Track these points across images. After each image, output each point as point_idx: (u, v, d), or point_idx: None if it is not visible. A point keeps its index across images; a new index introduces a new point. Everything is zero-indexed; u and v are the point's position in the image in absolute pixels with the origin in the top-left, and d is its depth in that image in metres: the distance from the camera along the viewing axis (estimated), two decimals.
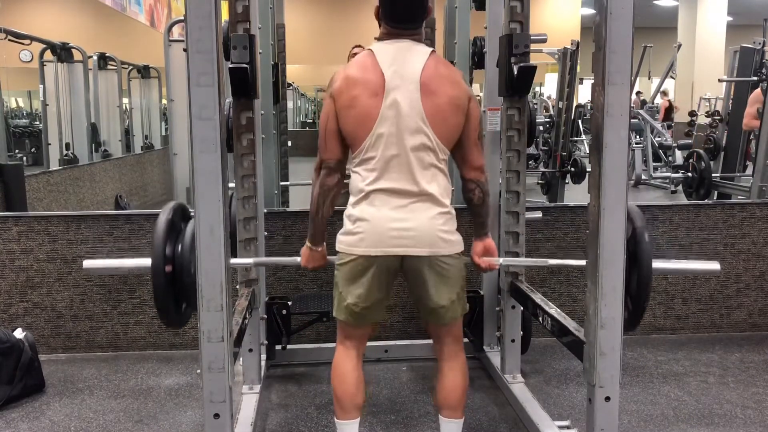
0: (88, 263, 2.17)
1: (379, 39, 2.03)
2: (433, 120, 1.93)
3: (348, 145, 2.00)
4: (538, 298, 2.52)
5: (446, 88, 1.95)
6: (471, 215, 2.14)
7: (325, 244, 2.15)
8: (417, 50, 1.97)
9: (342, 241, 2.02)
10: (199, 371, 1.86)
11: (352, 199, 2.01)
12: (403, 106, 1.91)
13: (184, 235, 1.98)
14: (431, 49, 2.01)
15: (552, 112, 8.30)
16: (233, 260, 2.13)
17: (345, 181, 2.07)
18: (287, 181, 4.39)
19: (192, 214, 1.86)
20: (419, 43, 2.01)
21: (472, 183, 2.07)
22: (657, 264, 2.09)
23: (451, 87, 1.96)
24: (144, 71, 9.38)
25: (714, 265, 2.28)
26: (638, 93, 11.77)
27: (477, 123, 2.04)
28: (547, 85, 14.02)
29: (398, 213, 1.93)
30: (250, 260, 2.54)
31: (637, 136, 9.08)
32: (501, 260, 2.43)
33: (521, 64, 2.56)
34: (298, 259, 2.21)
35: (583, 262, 2.04)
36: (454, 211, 2.02)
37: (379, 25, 2.05)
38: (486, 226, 2.17)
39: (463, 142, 2.02)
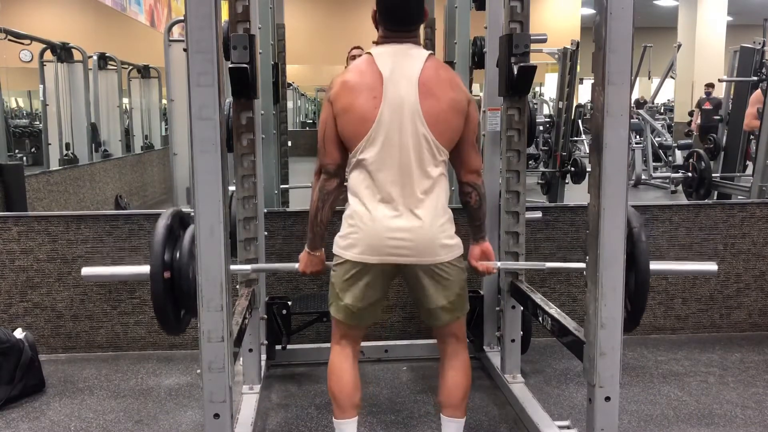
0: (86, 271, 2.17)
1: (377, 43, 2.04)
2: (432, 121, 1.93)
3: (347, 150, 2.00)
4: (538, 298, 2.52)
5: (445, 91, 1.95)
6: (467, 218, 2.15)
7: (323, 249, 2.16)
8: (415, 53, 1.98)
9: (339, 244, 2.02)
10: (199, 371, 1.86)
11: (350, 200, 2.01)
12: (401, 108, 1.91)
13: (183, 241, 1.98)
14: (429, 52, 2.01)
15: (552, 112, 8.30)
16: (232, 267, 2.13)
17: (345, 183, 2.07)
18: (287, 183, 4.40)
19: (190, 220, 1.86)
20: (417, 46, 2.01)
21: (469, 186, 2.07)
22: (654, 265, 2.09)
23: (451, 89, 1.96)
24: (144, 71, 9.38)
25: (711, 266, 2.29)
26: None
27: (475, 126, 2.04)
28: (547, 85, 14.01)
29: (396, 220, 1.93)
30: (248, 267, 2.54)
31: (637, 136, 9.08)
32: (498, 264, 2.44)
33: (521, 64, 2.56)
34: (296, 265, 2.22)
35: (581, 265, 2.04)
36: (451, 213, 2.02)
37: (377, 29, 2.06)
38: (483, 230, 2.17)
39: (461, 145, 2.02)
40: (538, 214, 3.10)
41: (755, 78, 6.01)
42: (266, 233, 2.90)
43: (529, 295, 2.57)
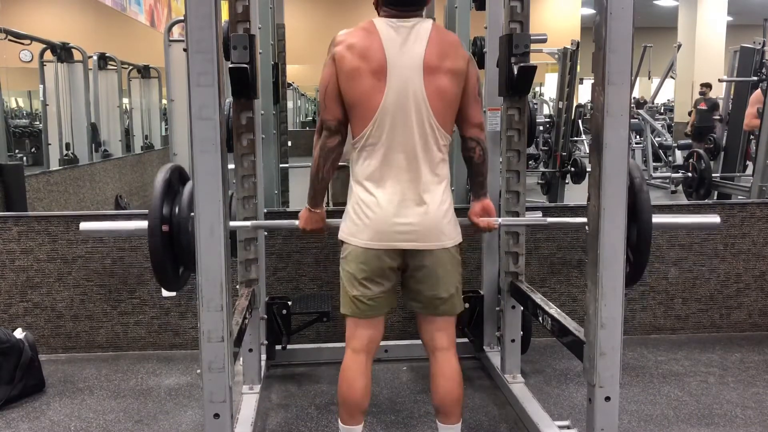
0: (84, 225, 2.16)
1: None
2: (436, 105, 1.92)
3: (348, 108, 1.97)
4: (538, 298, 2.52)
5: (447, 63, 1.93)
6: (470, 175, 2.13)
7: (324, 206, 2.14)
8: (418, 30, 1.93)
9: (345, 231, 2.01)
10: (199, 371, 1.86)
11: (354, 188, 2.00)
12: (406, 94, 1.90)
13: (182, 196, 1.97)
14: (431, 21, 1.97)
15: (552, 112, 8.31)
16: (232, 223, 2.11)
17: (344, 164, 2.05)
18: (287, 186, 4.40)
19: (189, 176, 1.84)
20: (420, 19, 1.96)
21: (472, 141, 2.06)
22: (657, 219, 2.09)
23: (452, 59, 1.94)
24: (144, 71, 9.38)
25: (713, 219, 2.28)
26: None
27: (475, 81, 2.02)
28: (547, 85, 14.02)
29: (402, 206, 1.93)
30: (248, 223, 2.53)
31: (637, 136, 9.08)
32: (500, 220, 2.39)
33: (521, 64, 2.56)
34: (296, 222, 2.18)
35: (583, 219, 2.04)
36: (452, 199, 2.02)
37: (378, 13, 2.02)
38: (485, 186, 2.16)
39: (463, 101, 2.00)
40: (538, 214, 3.10)
41: (755, 78, 6.01)
42: (266, 233, 2.91)
43: (529, 295, 2.57)
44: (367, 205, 1.95)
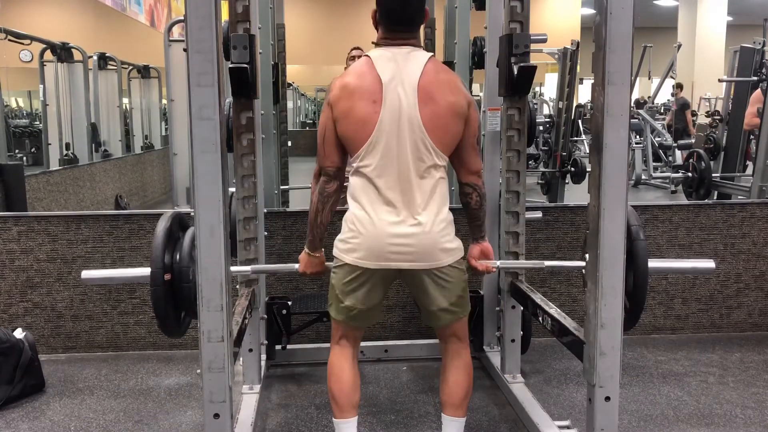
0: (86, 274, 2.17)
1: (376, 44, 2.03)
2: (431, 127, 1.92)
3: (347, 152, 2.01)
4: (538, 298, 2.52)
5: (445, 95, 1.94)
6: (467, 218, 2.15)
7: (323, 250, 2.17)
8: (415, 56, 1.97)
9: (339, 248, 2.02)
10: (199, 371, 1.86)
11: (350, 204, 2.01)
12: (400, 114, 1.91)
13: (183, 243, 1.98)
14: (430, 54, 2.00)
15: (552, 112, 8.31)
16: (232, 268, 2.14)
17: (345, 184, 2.08)
18: (287, 184, 4.40)
19: (190, 222, 1.86)
20: (417, 48, 2.00)
21: (470, 187, 2.08)
22: (653, 263, 2.10)
23: (451, 93, 1.95)
24: (144, 71, 9.38)
25: (709, 264, 2.29)
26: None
27: (476, 128, 2.04)
28: (547, 85, 14.02)
29: (397, 225, 1.93)
30: (248, 268, 2.54)
31: (637, 136, 9.08)
32: (498, 263, 2.43)
33: (521, 64, 2.56)
34: (296, 266, 2.23)
35: (581, 264, 2.04)
36: (452, 216, 2.02)
37: (377, 29, 2.05)
38: (482, 230, 2.17)
39: (462, 147, 2.02)
40: (538, 214, 3.10)
41: (755, 78, 6.01)
42: (266, 233, 2.91)
43: (529, 295, 2.57)
44: (360, 222, 1.96)
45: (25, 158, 8.38)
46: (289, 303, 2.98)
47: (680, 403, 2.75)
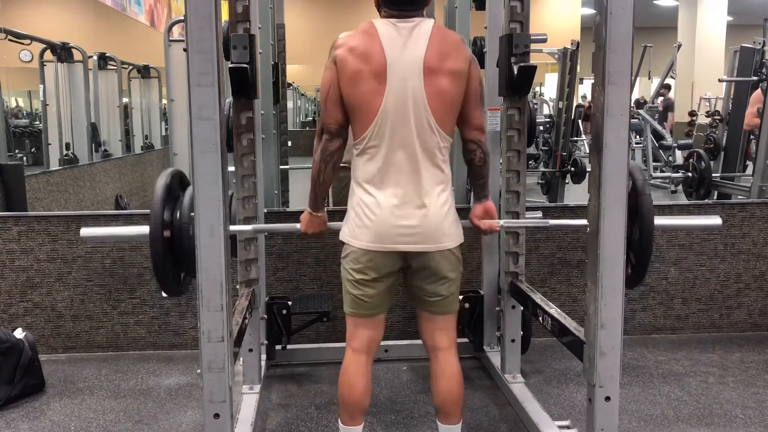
0: (85, 231, 2.15)
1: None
2: (436, 107, 1.92)
3: (349, 111, 1.97)
4: (538, 298, 2.52)
5: (448, 64, 1.92)
6: (471, 177, 2.14)
7: (326, 210, 2.15)
8: (419, 30, 1.93)
9: (346, 232, 2.02)
10: (199, 371, 1.86)
11: (355, 189, 2.00)
12: (405, 96, 1.90)
13: (182, 201, 1.97)
14: (433, 21, 1.96)
15: (552, 112, 8.31)
16: (233, 227, 2.11)
17: (344, 164, 2.05)
18: (287, 185, 4.40)
19: (190, 180, 1.84)
20: (422, 18, 1.96)
21: (473, 143, 2.06)
22: (659, 220, 2.08)
23: (453, 60, 1.93)
24: (144, 71, 9.37)
25: (716, 220, 2.28)
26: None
27: (477, 84, 2.02)
28: (547, 85, 14.02)
29: (403, 208, 1.93)
30: (249, 227, 2.53)
31: (637, 136, 9.08)
32: (501, 222, 2.39)
33: (521, 64, 2.56)
34: (298, 225, 2.19)
35: (584, 221, 2.04)
36: (453, 199, 2.02)
37: (379, 13, 2.02)
38: (486, 188, 2.16)
39: (465, 103, 2.00)
40: (538, 214, 3.09)
41: (755, 78, 6.01)
42: (266, 233, 2.91)
43: (529, 295, 2.57)
44: (368, 206, 1.95)
45: (25, 158, 8.39)
46: (289, 303, 2.98)
47: (680, 403, 2.75)
